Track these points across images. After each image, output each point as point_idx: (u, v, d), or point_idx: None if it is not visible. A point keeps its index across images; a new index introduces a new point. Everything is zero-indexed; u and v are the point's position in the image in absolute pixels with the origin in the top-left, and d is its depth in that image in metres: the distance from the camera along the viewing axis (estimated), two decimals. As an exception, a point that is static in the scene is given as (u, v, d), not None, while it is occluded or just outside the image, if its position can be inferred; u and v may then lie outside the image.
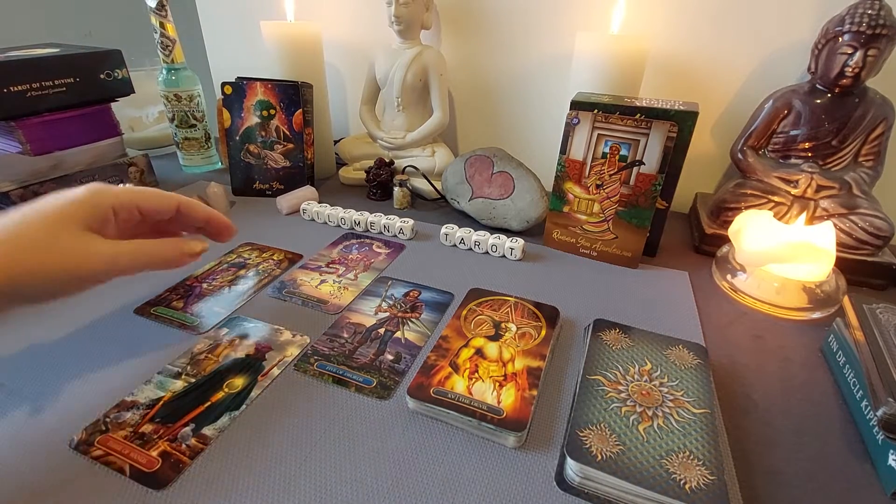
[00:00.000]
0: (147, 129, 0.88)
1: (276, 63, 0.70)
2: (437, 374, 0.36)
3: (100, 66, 0.63)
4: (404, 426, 0.33)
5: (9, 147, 0.59)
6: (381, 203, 0.70)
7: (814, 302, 0.47)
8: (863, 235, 0.52)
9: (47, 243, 0.29)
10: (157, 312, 0.44)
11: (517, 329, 0.41)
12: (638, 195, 0.51)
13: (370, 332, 0.42)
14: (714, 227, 0.59)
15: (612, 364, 0.37)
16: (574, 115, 0.52)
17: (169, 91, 0.72)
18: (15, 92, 0.56)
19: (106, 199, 0.33)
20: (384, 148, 0.75)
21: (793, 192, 0.56)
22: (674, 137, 0.48)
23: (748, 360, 0.42)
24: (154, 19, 0.69)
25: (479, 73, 0.77)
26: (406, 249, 0.57)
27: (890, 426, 0.31)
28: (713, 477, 0.28)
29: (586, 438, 0.30)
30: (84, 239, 0.30)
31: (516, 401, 0.34)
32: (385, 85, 0.72)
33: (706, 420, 0.32)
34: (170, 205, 0.37)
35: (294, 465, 0.30)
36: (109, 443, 0.31)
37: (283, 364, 0.39)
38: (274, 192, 0.70)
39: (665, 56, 0.65)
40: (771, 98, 0.59)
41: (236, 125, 0.68)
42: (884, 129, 0.54)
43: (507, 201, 0.60)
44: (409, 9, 0.65)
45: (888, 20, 0.49)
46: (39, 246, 0.28)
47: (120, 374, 0.37)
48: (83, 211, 0.31)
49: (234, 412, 0.34)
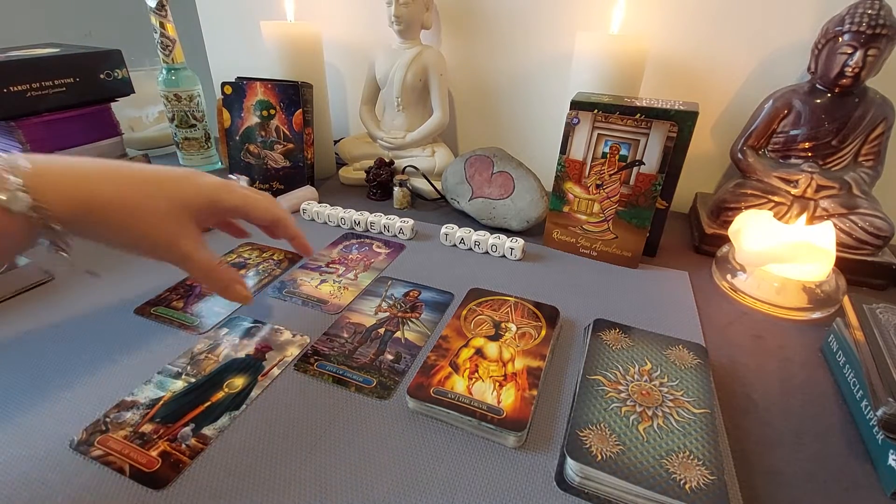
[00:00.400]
0: (147, 129, 0.88)
1: (276, 63, 0.70)
2: (437, 374, 0.36)
3: (100, 66, 0.63)
4: (404, 426, 0.33)
5: (9, 147, 0.59)
6: (381, 203, 0.70)
7: (814, 302, 0.47)
8: (863, 235, 0.52)
9: (160, 214, 0.32)
10: (158, 312, 0.44)
11: (517, 329, 0.41)
12: (638, 195, 0.51)
13: (370, 332, 0.42)
14: (714, 227, 0.59)
15: (612, 364, 0.37)
16: (574, 114, 0.52)
17: (169, 91, 0.72)
18: (15, 92, 0.56)
19: (227, 202, 0.36)
20: (384, 148, 0.75)
21: (793, 192, 0.56)
22: (674, 137, 0.48)
23: (748, 360, 0.42)
24: (154, 19, 0.69)
25: (479, 73, 0.77)
26: (406, 249, 0.57)
27: (890, 426, 0.31)
28: (713, 477, 0.28)
29: (586, 438, 0.30)
30: (184, 229, 0.34)
31: (516, 401, 0.34)
32: (385, 85, 0.72)
33: (706, 420, 0.32)
34: (268, 219, 0.40)
35: (294, 464, 0.30)
36: (109, 443, 0.31)
37: (283, 364, 0.39)
38: (274, 192, 0.70)
39: (665, 56, 0.65)
40: (771, 98, 0.59)
41: (236, 125, 0.68)
42: (884, 128, 0.54)
43: (507, 201, 0.60)
44: (409, 9, 0.65)
45: (888, 20, 0.49)
46: (155, 209, 0.32)
47: (120, 373, 0.37)
48: (202, 205, 0.35)
49: (234, 412, 0.34)
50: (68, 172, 0.30)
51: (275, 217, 0.40)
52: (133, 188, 0.32)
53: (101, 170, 0.31)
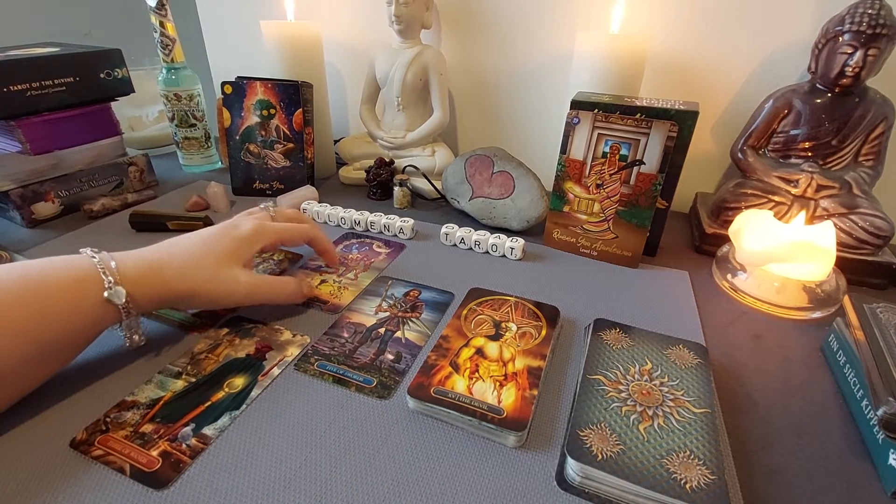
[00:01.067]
0: (147, 128, 0.88)
1: (276, 63, 0.70)
2: (437, 374, 0.36)
3: (100, 65, 0.63)
4: (404, 426, 0.33)
5: (9, 146, 0.59)
6: (381, 203, 0.70)
7: (814, 301, 0.47)
8: (863, 235, 0.52)
9: (214, 274, 0.38)
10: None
11: (517, 329, 0.41)
12: (638, 195, 0.51)
13: (370, 332, 0.42)
14: (714, 227, 0.59)
15: (613, 364, 0.37)
16: (574, 114, 0.52)
17: (169, 90, 0.72)
18: (15, 91, 0.55)
19: (263, 239, 0.42)
20: (384, 147, 0.75)
21: (793, 192, 0.56)
22: (674, 137, 0.48)
23: (748, 360, 0.42)
24: (154, 18, 0.69)
25: (479, 73, 0.77)
26: (406, 249, 0.57)
27: (890, 425, 0.31)
28: (713, 476, 0.28)
29: (587, 438, 0.30)
30: (236, 272, 0.40)
31: (517, 400, 0.34)
32: (385, 84, 0.72)
33: (706, 420, 0.32)
34: (303, 243, 0.47)
35: (294, 464, 0.30)
36: (110, 442, 0.31)
37: (283, 364, 0.39)
38: (274, 191, 0.70)
39: (665, 56, 0.65)
40: (771, 98, 0.59)
41: (236, 125, 0.68)
42: (884, 128, 0.54)
43: (507, 201, 0.60)
44: (409, 8, 0.65)
45: (888, 20, 0.49)
46: (209, 276, 0.38)
47: (120, 373, 0.37)
48: (243, 250, 0.41)
49: (234, 412, 0.34)
50: (146, 274, 0.35)
51: (308, 239, 0.47)
52: (196, 272, 0.38)
53: (172, 265, 0.37)
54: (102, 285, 0.33)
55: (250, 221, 0.43)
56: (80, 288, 0.32)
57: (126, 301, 0.34)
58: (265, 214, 0.46)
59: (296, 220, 0.47)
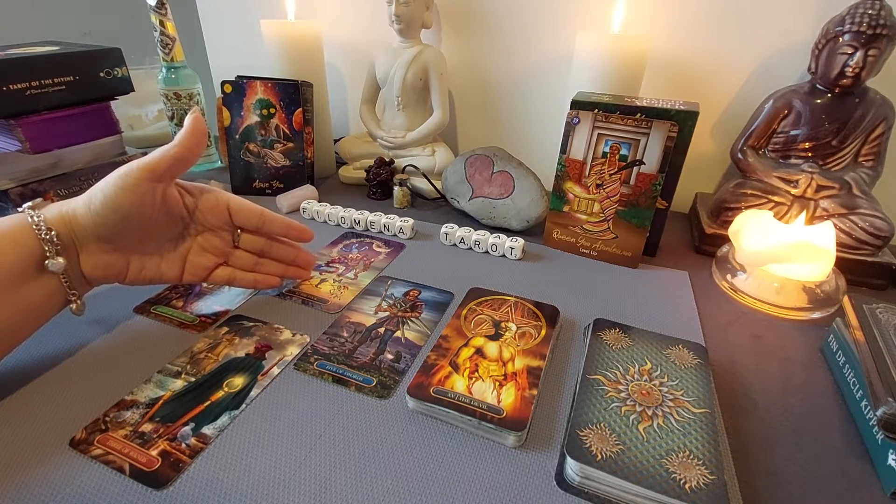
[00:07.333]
0: (146, 127, 0.88)
1: (276, 62, 0.70)
2: (437, 374, 0.36)
3: (99, 64, 0.63)
4: (404, 426, 0.33)
5: (8, 145, 0.59)
6: (381, 202, 0.70)
7: (814, 302, 0.47)
8: (863, 235, 0.52)
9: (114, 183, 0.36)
10: (157, 311, 0.44)
11: (517, 328, 0.41)
12: (638, 195, 0.51)
13: (370, 332, 0.42)
14: (714, 227, 0.59)
15: (612, 364, 0.37)
16: (574, 114, 0.52)
17: (168, 89, 0.72)
18: (14, 90, 0.55)
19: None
20: (384, 147, 0.75)
21: (793, 192, 0.56)
22: (674, 137, 0.48)
23: (748, 360, 0.42)
24: (154, 17, 0.69)
25: (479, 73, 0.77)
26: (406, 249, 0.57)
27: (890, 426, 0.31)
28: (713, 476, 0.28)
29: (586, 438, 0.30)
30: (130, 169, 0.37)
31: (516, 400, 0.34)
32: (385, 84, 0.72)
33: (706, 420, 0.32)
34: (255, 209, 0.44)
35: (294, 464, 0.30)
36: (109, 442, 0.31)
37: (282, 363, 0.39)
38: (274, 190, 0.70)
39: (665, 56, 0.65)
40: (771, 98, 0.59)
41: (236, 124, 0.68)
42: (884, 129, 0.55)
43: (507, 201, 0.60)
44: (409, 8, 0.65)
45: (888, 20, 0.49)
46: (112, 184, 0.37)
47: (119, 372, 0.37)
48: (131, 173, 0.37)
49: (233, 411, 0.34)
50: (65, 211, 0.35)
51: (258, 208, 0.45)
52: (96, 191, 0.36)
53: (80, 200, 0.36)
54: (28, 222, 0.33)
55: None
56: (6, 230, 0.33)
57: (48, 229, 0.34)
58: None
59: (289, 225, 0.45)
